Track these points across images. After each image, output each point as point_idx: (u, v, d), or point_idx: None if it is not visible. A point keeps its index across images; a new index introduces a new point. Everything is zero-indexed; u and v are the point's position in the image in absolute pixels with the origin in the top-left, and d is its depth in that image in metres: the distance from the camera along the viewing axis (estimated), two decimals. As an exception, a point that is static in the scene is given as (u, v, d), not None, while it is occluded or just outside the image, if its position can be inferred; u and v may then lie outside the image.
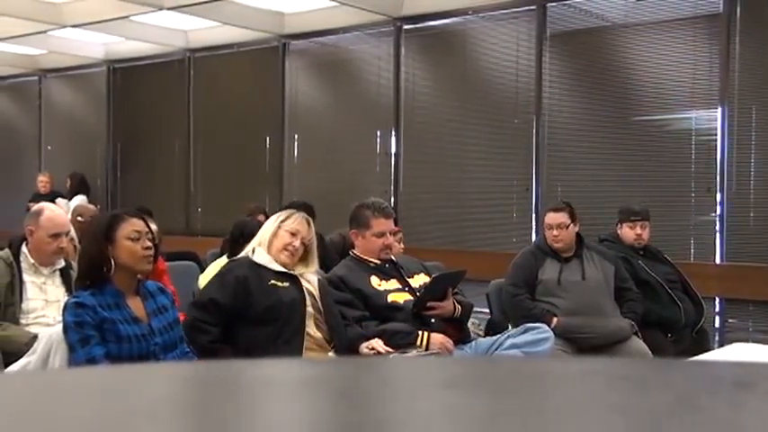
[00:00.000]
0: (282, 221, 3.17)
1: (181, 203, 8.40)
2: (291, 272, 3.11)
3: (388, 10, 6.75)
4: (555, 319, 3.78)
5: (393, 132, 6.96)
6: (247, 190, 7.72)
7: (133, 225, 2.62)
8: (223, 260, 3.92)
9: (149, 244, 2.63)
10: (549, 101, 6.14)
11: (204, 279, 3.84)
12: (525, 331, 3.34)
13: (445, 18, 6.67)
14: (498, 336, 3.43)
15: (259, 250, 3.13)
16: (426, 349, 3.21)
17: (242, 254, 3.20)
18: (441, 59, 6.83)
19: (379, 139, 7.10)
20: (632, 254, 4.25)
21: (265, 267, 3.07)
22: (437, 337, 3.23)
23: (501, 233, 6.35)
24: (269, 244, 3.12)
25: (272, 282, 3.04)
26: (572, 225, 4.00)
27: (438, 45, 6.83)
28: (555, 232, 3.99)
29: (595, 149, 5.96)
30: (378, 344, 3.15)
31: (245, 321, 2.98)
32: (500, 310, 4.06)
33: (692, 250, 5.50)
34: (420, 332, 3.24)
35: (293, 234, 3.12)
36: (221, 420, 0.57)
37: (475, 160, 6.52)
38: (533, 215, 6.17)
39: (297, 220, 3.17)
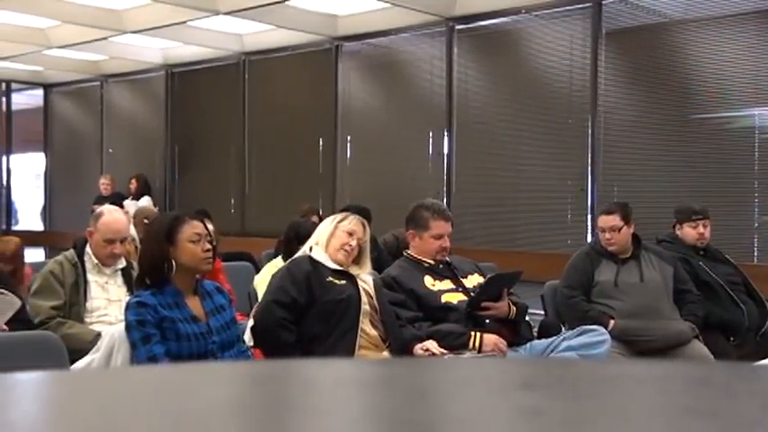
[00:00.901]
0: (339, 222, 3.24)
1: (236, 204, 8.52)
2: (348, 270, 3.15)
3: (441, 10, 6.74)
4: (612, 322, 3.72)
5: (445, 133, 6.94)
6: (301, 191, 7.79)
7: (194, 227, 2.68)
8: (278, 261, 3.96)
9: (209, 246, 2.69)
10: (604, 99, 6.05)
11: (259, 279, 3.88)
12: (581, 333, 3.29)
13: (498, 17, 6.63)
14: (553, 338, 3.39)
15: (316, 249, 3.19)
16: (479, 350, 3.19)
17: (299, 253, 3.26)
18: (494, 59, 6.79)
19: (431, 140, 7.08)
20: (692, 254, 4.16)
21: (323, 264, 3.13)
22: (490, 338, 3.22)
23: (555, 234, 6.28)
24: (326, 244, 3.19)
25: (330, 278, 3.09)
26: (625, 227, 3.92)
27: (491, 45, 6.79)
28: (607, 235, 3.93)
29: (653, 148, 5.85)
30: (432, 345, 3.14)
31: (304, 316, 3.03)
32: (555, 311, 4.01)
33: (756, 251, 5.35)
34: (473, 333, 3.22)
35: (350, 234, 3.19)
36: (294, 419, 0.58)
37: (528, 160, 6.45)
38: (589, 216, 6.09)
39: (353, 221, 3.24)
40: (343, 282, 3.11)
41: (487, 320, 3.32)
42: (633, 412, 0.55)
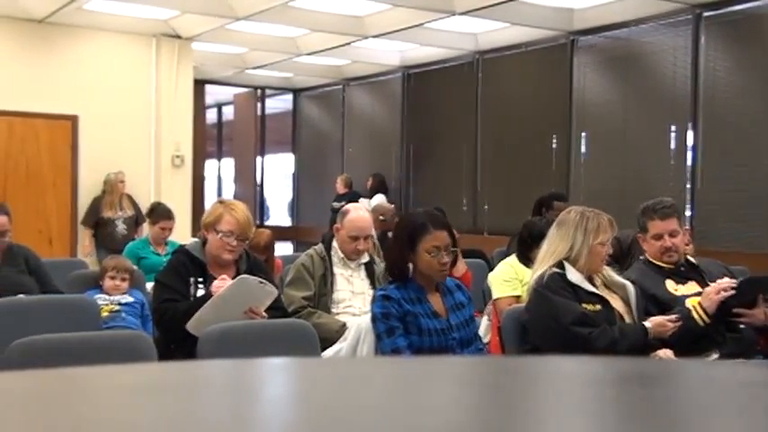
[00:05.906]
0: (594, 239, 2.88)
1: (468, 202, 8.62)
2: (600, 294, 2.91)
3: (687, -3, 6.36)
4: None
5: (690, 127, 6.54)
6: (533, 189, 7.71)
7: (435, 239, 2.68)
8: (511, 259, 3.95)
9: (446, 259, 2.69)
10: None
11: (493, 278, 3.90)
12: None
13: (754, 0, 6.12)
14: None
15: (569, 268, 2.89)
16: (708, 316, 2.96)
17: (543, 264, 2.95)
18: (747, 46, 6.27)
19: (673, 135, 6.71)
20: None
21: (579, 287, 2.86)
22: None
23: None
24: (585, 260, 2.88)
25: (584, 305, 2.83)
26: None
27: (744, 31, 6.29)
28: None
29: None
30: (666, 354, 2.98)
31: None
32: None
33: None
34: (691, 306, 3.01)
35: (603, 245, 2.93)
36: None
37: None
38: None
39: (607, 229, 2.92)
40: (598, 307, 2.85)
41: (741, 326, 3.10)
42: None
